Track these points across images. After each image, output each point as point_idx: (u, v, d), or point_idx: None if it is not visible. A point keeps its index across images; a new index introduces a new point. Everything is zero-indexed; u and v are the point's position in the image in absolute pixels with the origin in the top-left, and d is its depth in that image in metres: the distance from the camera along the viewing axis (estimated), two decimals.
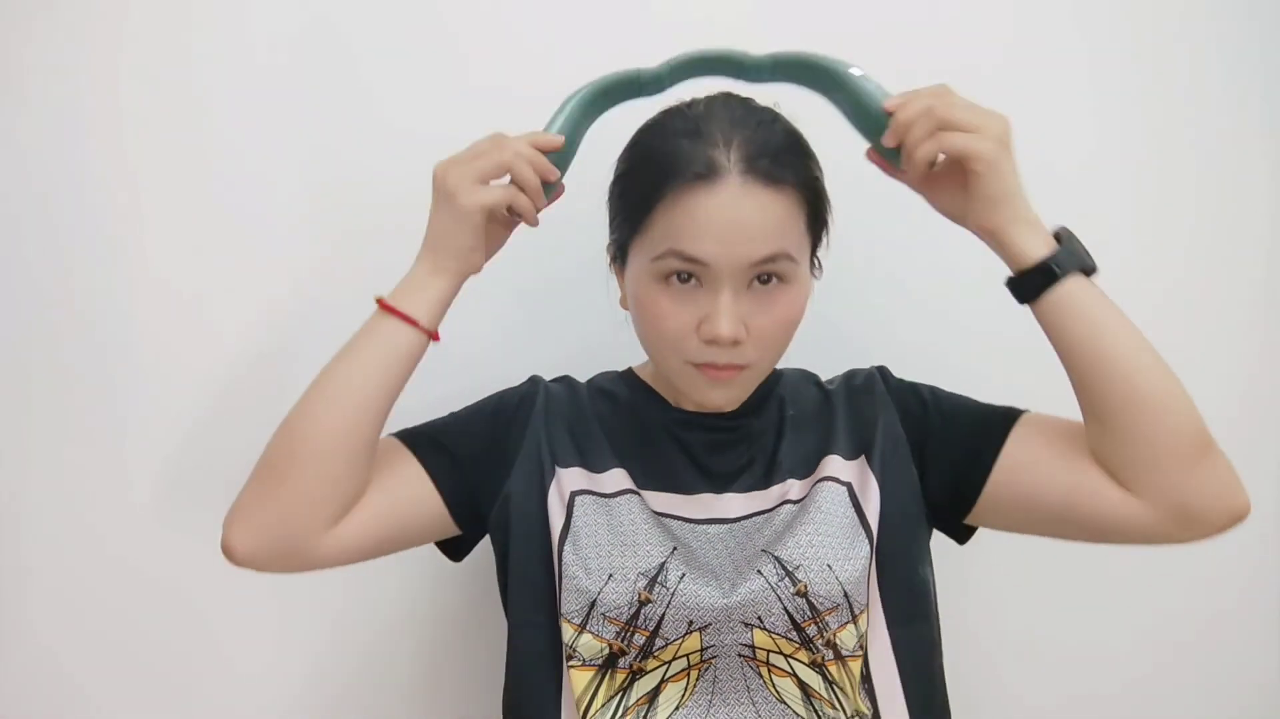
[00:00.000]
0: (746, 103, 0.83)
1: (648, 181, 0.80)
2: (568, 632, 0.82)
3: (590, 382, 0.98)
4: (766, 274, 0.79)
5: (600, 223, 0.90)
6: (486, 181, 0.79)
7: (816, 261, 0.89)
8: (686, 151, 0.78)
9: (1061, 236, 0.80)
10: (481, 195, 0.79)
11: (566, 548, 0.83)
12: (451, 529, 0.90)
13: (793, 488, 0.87)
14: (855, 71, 0.80)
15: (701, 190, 0.77)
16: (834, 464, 0.88)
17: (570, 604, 0.81)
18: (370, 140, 1.11)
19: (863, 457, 0.89)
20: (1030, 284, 0.79)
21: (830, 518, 0.84)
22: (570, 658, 0.82)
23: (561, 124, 0.82)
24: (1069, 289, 0.78)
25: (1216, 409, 1.16)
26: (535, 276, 1.12)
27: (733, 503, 0.87)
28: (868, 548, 0.84)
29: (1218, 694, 1.16)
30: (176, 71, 1.10)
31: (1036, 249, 0.78)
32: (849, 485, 0.87)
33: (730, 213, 0.76)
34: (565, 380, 0.97)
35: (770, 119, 0.82)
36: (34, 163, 1.08)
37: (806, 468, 0.89)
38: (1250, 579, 1.16)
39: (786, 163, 0.79)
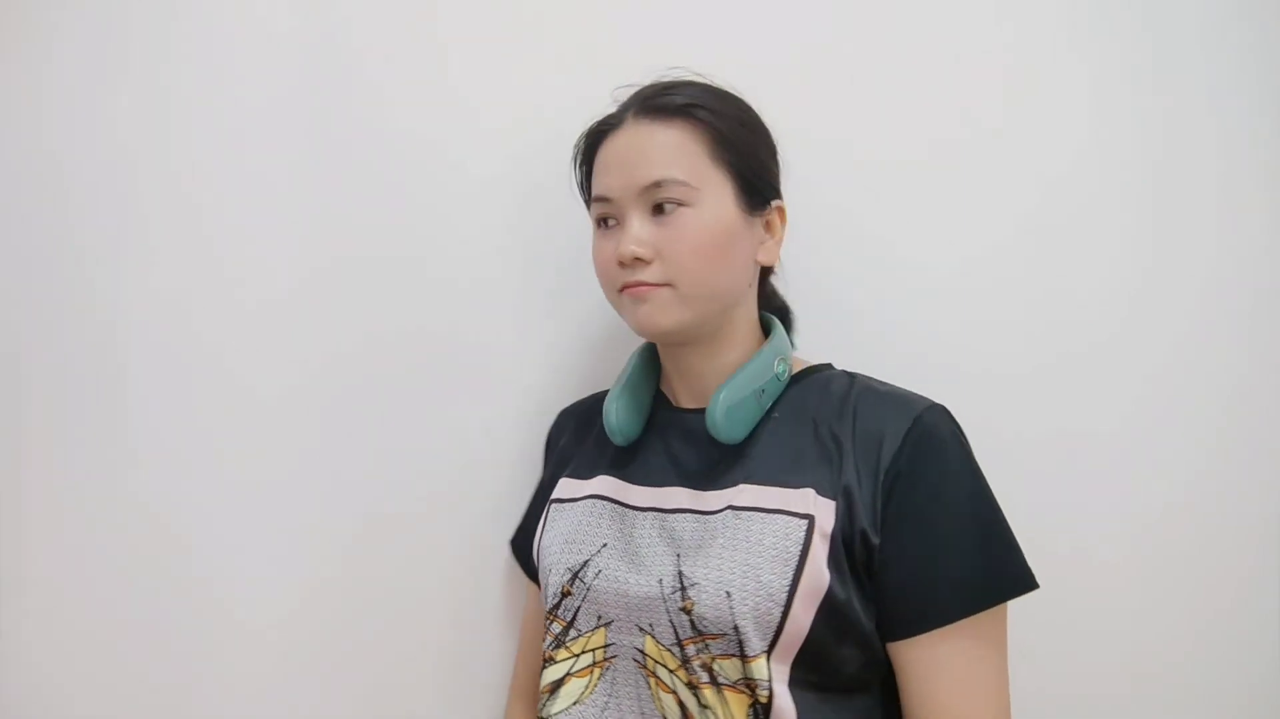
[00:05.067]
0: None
1: (584, 156, 0.93)
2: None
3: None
4: (661, 201, 0.85)
5: None
6: None
7: (746, 197, 0.86)
8: (606, 118, 0.90)
9: None
10: None
11: (541, 551, 0.94)
12: None
13: (743, 493, 0.83)
14: None
15: (609, 138, 0.89)
16: (808, 498, 0.81)
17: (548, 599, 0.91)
18: (371, 150, 1.12)
19: (840, 503, 0.80)
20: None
21: (760, 549, 0.78)
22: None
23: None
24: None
25: (1218, 407, 1.17)
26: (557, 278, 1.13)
27: (682, 495, 0.86)
28: (784, 604, 0.77)
29: (1218, 695, 1.16)
30: (176, 73, 1.10)
31: None
32: (810, 521, 0.80)
33: (624, 149, 0.87)
34: (593, 398, 1.05)
35: (688, 81, 0.89)
36: (34, 164, 1.09)
37: (767, 474, 0.84)
38: (1250, 579, 1.16)
39: (680, 101, 0.86)
